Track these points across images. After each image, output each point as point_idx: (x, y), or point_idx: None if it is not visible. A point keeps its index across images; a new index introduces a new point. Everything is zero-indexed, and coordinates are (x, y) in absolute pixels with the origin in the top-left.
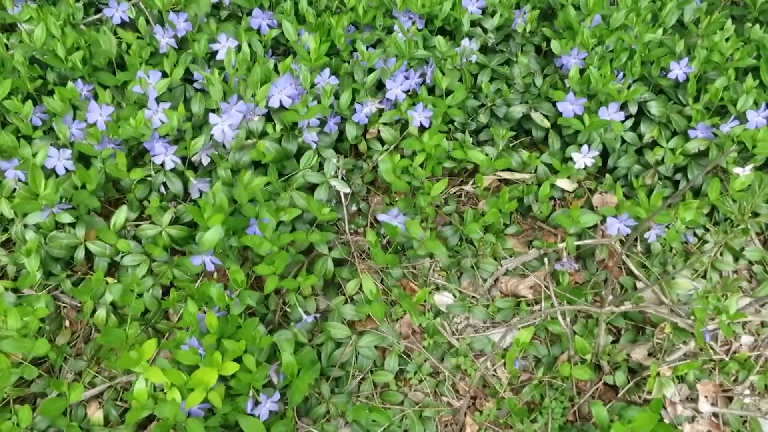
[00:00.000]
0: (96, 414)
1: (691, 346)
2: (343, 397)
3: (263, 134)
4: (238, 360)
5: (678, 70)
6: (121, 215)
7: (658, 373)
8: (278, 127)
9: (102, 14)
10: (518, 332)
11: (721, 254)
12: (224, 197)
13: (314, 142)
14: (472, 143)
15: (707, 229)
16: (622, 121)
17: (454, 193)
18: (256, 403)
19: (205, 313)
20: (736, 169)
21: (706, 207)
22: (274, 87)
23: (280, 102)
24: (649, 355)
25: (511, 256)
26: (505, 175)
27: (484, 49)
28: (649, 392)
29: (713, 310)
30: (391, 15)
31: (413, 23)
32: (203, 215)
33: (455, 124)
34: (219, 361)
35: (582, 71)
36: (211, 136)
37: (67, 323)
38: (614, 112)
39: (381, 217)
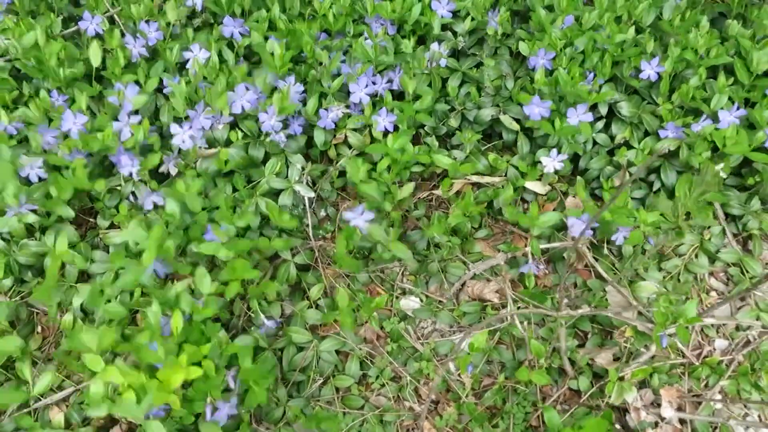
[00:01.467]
0: (57, 416)
1: (655, 350)
2: (301, 401)
3: (228, 142)
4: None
5: (649, 70)
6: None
7: (621, 378)
8: (241, 134)
9: (78, 27)
10: (473, 337)
11: (696, 256)
12: (176, 209)
13: (282, 141)
14: (446, 147)
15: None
16: (593, 123)
17: (425, 197)
18: (215, 409)
19: (169, 317)
20: None
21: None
22: (233, 94)
23: (242, 108)
24: (616, 359)
25: (480, 260)
26: (476, 178)
27: (456, 53)
28: (610, 396)
29: (670, 315)
30: (363, 21)
31: (384, 29)
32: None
33: (425, 128)
34: (184, 363)
35: (552, 72)
36: (178, 146)
37: (39, 329)
38: (583, 113)
39: (347, 215)
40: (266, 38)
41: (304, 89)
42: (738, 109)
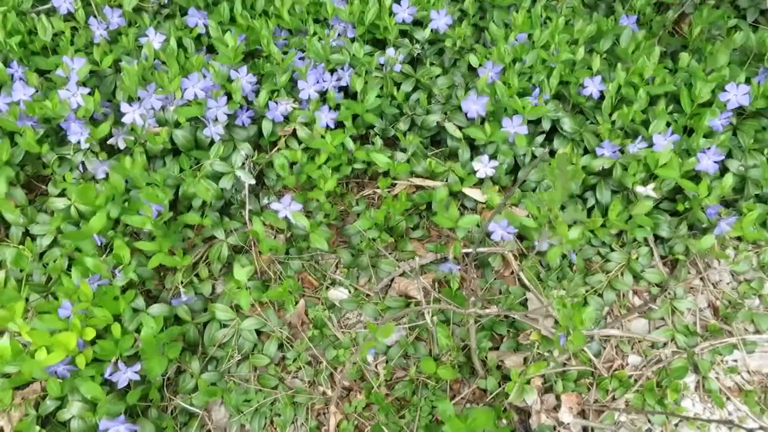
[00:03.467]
0: None
1: (563, 357)
2: (214, 375)
3: (177, 124)
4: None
5: (592, 87)
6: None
7: (528, 381)
8: (184, 117)
9: (51, 4)
10: (380, 327)
11: (622, 274)
12: (120, 180)
13: (218, 134)
14: (394, 150)
15: (613, 249)
16: (534, 136)
17: (367, 195)
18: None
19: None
20: (639, 188)
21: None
22: (187, 80)
23: (195, 95)
24: (527, 363)
25: (411, 259)
26: (418, 181)
27: (414, 61)
28: (507, 395)
29: (567, 317)
30: (328, 24)
31: (334, 30)
32: (94, 200)
33: (375, 129)
34: (78, 326)
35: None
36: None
37: None
38: (518, 124)
39: (273, 206)
40: (227, 31)
41: (257, 81)
42: (672, 134)
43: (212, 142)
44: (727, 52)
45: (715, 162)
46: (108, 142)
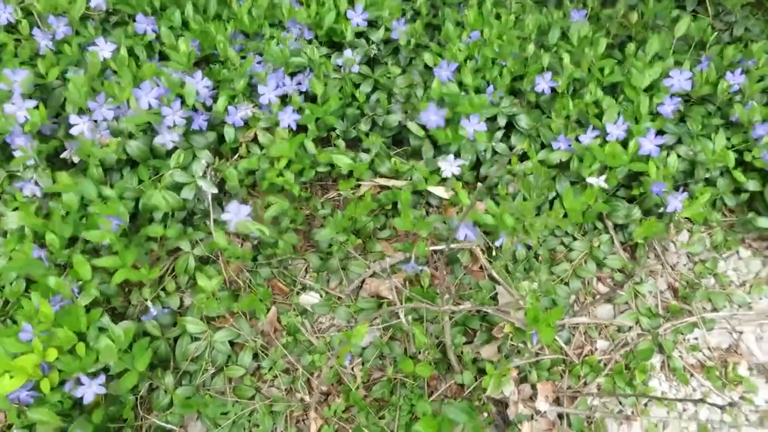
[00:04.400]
0: None
1: (536, 347)
2: (189, 390)
3: (131, 134)
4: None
5: (543, 84)
6: None
7: (505, 374)
8: (139, 125)
9: None
10: (354, 328)
11: (586, 262)
12: (73, 198)
13: (173, 142)
14: (357, 151)
15: (575, 238)
16: (492, 133)
17: (332, 197)
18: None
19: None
20: (590, 179)
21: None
22: (140, 90)
23: (149, 104)
24: (502, 356)
25: (380, 259)
26: (382, 181)
27: (371, 61)
28: (485, 388)
29: (537, 311)
30: (283, 26)
31: (290, 34)
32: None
33: (336, 131)
34: (39, 348)
35: (458, 83)
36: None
37: None
38: (476, 123)
39: (223, 216)
40: (180, 36)
41: (214, 87)
42: (624, 123)
43: (170, 151)
44: (660, 40)
45: (657, 145)
46: (61, 156)
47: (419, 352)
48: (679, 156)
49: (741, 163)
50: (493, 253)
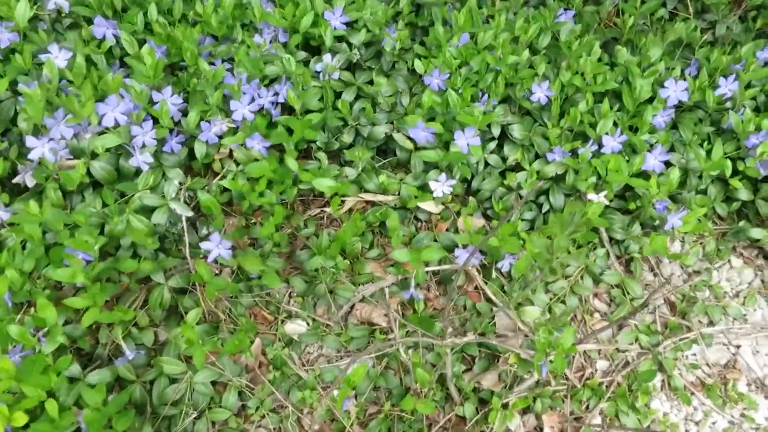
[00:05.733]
0: None
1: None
2: None
3: (95, 155)
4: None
5: (540, 93)
6: None
7: (504, 406)
8: (105, 145)
9: None
10: (352, 369)
11: (582, 278)
12: (35, 229)
13: (146, 163)
14: (339, 163)
15: (570, 252)
16: (485, 144)
17: (315, 215)
18: None
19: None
20: (590, 196)
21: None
22: (104, 105)
23: (115, 120)
24: (504, 385)
25: (370, 282)
26: (368, 197)
27: (352, 66)
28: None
29: (548, 345)
30: (255, 28)
31: (264, 41)
32: None
33: (318, 143)
34: (5, 411)
35: (446, 91)
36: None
37: None
38: (471, 136)
39: (204, 245)
40: (143, 42)
41: (183, 100)
42: (621, 134)
43: (138, 171)
44: (662, 45)
45: (661, 161)
46: (14, 181)
47: (419, 387)
48: (670, 165)
49: (734, 172)
50: (493, 275)
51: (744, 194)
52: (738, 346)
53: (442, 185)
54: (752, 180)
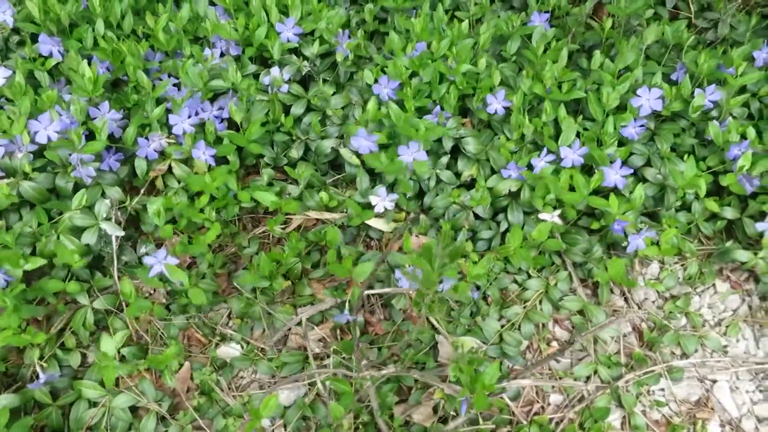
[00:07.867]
0: None
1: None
2: None
3: (26, 174)
4: None
5: (496, 104)
6: None
7: None
8: (38, 164)
9: None
10: (262, 401)
11: (541, 302)
12: None
13: (90, 177)
14: (287, 180)
15: (530, 275)
16: (438, 158)
17: (261, 233)
18: None
19: None
20: (542, 215)
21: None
22: (37, 122)
23: (49, 138)
24: (439, 418)
25: (310, 304)
26: (315, 215)
27: (305, 78)
28: None
29: (469, 381)
30: (209, 42)
31: (227, 49)
32: None
33: (265, 159)
34: None
35: (399, 102)
36: None
37: None
38: (416, 151)
39: (147, 260)
40: (90, 58)
41: (123, 116)
42: (581, 147)
43: (77, 189)
44: (638, 50)
45: (623, 176)
46: None
47: (338, 422)
48: (646, 180)
49: (719, 188)
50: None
51: (729, 212)
52: (714, 381)
53: (383, 200)
54: (740, 197)
